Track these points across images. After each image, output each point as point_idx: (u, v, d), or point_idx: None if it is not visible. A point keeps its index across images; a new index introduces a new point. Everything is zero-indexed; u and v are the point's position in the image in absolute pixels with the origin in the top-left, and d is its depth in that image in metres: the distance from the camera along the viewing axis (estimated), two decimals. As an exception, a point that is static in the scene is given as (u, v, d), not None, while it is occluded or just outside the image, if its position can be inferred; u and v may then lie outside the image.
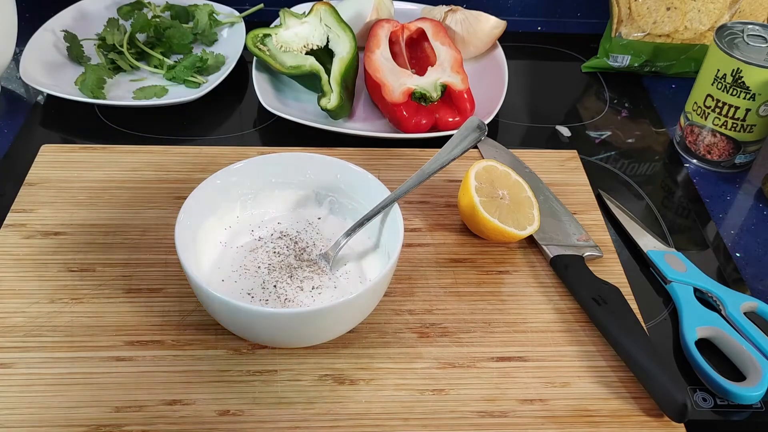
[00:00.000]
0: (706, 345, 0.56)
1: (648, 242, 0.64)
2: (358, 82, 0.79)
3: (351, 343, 0.53)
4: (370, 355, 0.53)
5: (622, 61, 0.87)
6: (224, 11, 0.89)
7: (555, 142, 0.78)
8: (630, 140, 0.79)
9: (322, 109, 0.74)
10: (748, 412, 0.52)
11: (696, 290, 0.60)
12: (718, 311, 0.58)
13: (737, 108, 0.70)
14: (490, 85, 0.80)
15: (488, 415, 0.50)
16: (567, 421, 0.50)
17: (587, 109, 0.84)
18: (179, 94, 0.78)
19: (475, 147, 0.69)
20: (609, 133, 0.80)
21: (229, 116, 0.79)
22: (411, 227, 0.63)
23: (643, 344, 0.52)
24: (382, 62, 0.76)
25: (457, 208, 0.63)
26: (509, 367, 0.53)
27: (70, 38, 0.82)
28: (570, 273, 0.58)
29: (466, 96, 0.73)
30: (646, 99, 0.85)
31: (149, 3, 0.88)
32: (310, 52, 0.78)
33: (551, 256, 0.60)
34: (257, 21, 0.87)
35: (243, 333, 0.51)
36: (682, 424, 0.49)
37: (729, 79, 0.69)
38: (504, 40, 0.87)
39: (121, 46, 0.82)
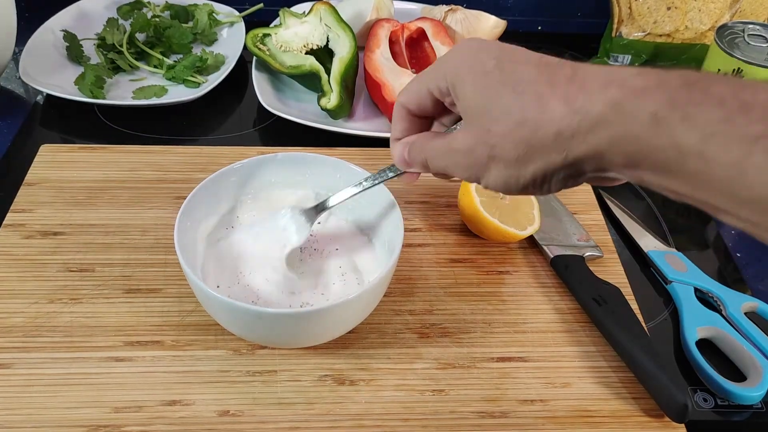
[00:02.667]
0: (706, 345, 0.56)
1: (648, 242, 0.64)
2: (358, 82, 0.79)
3: (351, 343, 0.53)
4: (370, 356, 0.53)
5: (623, 60, 0.87)
6: (224, 11, 0.89)
7: (555, 142, 0.78)
8: (630, 140, 0.79)
9: (322, 109, 0.74)
10: (749, 413, 0.52)
11: (696, 290, 0.59)
12: (719, 311, 0.58)
13: (738, 108, 0.70)
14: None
15: (488, 415, 0.50)
16: (567, 421, 0.50)
17: (587, 108, 0.83)
18: (179, 93, 0.78)
19: None
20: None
21: (229, 116, 0.79)
22: (411, 227, 0.63)
23: (644, 344, 0.51)
24: (382, 62, 0.76)
25: (457, 208, 0.63)
26: (509, 368, 0.53)
27: (70, 38, 0.82)
28: (570, 273, 0.58)
29: (466, 96, 0.73)
30: (647, 99, 0.85)
31: (149, 3, 0.88)
32: (310, 52, 0.78)
33: (551, 257, 0.60)
34: (257, 21, 0.87)
35: (242, 333, 0.51)
36: (683, 425, 0.49)
37: (729, 78, 0.69)
38: (504, 39, 0.86)
39: (121, 45, 0.82)
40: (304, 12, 0.80)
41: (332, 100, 0.73)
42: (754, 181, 0.29)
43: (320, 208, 0.54)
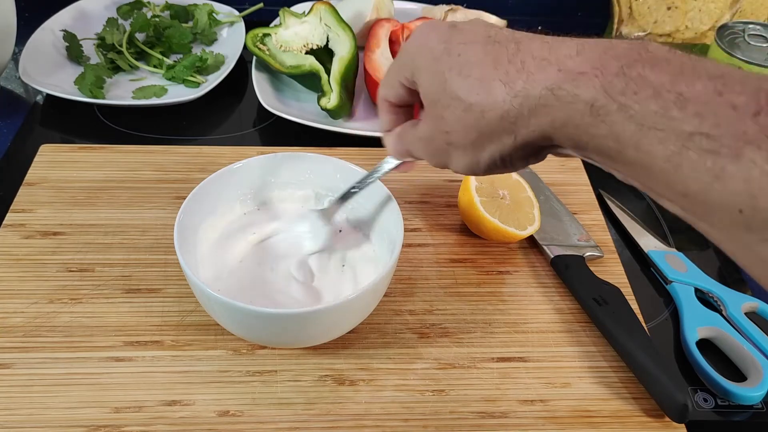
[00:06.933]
0: (707, 345, 0.56)
1: (649, 242, 0.64)
2: (358, 82, 0.79)
3: (351, 343, 0.53)
4: (370, 356, 0.53)
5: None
6: (224, 11, 0.89)
7: (555, 142, 0.78)
8: (630, 140, 0.79)
9: (322, 108, 0.74)
10: (749, 413, 0.52)
11: (697, 290, 0.59)
12: (719, 311, 0.58)
13: (738, 108, 0.70)
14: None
15: (488, 415, 0.50)
16: (567, 421, 0.50)
17: (588, 108, 0.83)
18: (179, 93, 0.78)
19: None
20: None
21: (229, 116, 0.79)
22: (411, 227, 0.63)
23: (644, 345, 0.51)
24: (382, 62, 0.76)
25: (457, 208, 0.63)
26: (509, 368, 0.53)
27: (70, 38, 0.82)
28: (570, 273, 0.58)
29: (466, 96, 0.73)
30: (647, 99, 0.85)
31: (149, 2, 0.87)
32: (310, 52, 0.78)
33: (552, 257, 0.60)
34: (257, 20, 0.87)
35: (242, 333, 0.51)
36: (683, 425, 0.49)
37: (730, 78, 0.69)
38: (504, 39, 0.86)
39: (121, 45, 0.81)
40: (304, 12, 0.80)
41: (332, 100, 0.73)
42: (688, 176, 0.30)
43: (335, 206, 0.55)
